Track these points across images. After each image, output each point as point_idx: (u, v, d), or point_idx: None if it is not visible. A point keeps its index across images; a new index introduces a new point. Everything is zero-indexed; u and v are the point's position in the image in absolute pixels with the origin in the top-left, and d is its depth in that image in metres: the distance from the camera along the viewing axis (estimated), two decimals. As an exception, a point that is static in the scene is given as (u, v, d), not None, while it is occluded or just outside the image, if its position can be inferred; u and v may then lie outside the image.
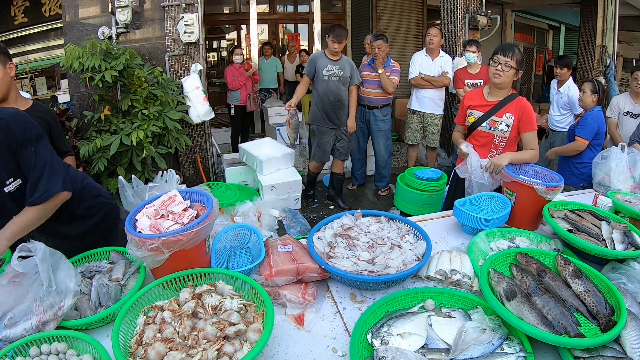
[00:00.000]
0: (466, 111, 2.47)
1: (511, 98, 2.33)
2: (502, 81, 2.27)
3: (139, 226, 1.32)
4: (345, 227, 1.64)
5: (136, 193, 2.62)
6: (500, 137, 2.34)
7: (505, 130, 2.31)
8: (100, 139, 3.43)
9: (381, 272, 1.35)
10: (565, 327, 1.08)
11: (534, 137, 2.29)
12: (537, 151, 2.25)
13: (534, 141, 2.28)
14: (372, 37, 4.44)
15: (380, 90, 4.36)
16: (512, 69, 2.22)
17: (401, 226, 1.67)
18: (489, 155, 2.37)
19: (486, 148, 2.39)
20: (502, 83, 2.28)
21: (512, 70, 2.22)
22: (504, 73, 2.23)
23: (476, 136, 2.42)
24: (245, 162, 4.37)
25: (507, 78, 2.25)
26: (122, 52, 3.62)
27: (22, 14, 5.53)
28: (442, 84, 4.66)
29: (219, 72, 8.16)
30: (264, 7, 8.06)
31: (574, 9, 8.31)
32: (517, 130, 2.31)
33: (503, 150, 2.34)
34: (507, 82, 2.27)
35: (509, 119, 2.30)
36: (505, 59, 2.22)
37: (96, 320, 1.20)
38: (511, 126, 2.30)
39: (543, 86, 10.96)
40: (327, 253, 1.47)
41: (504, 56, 2.22)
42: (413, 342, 1.07)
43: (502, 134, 2.32)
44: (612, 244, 1.49)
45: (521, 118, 2.28)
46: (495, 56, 2.26)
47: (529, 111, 2.29)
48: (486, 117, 2.37)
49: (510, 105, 2.31)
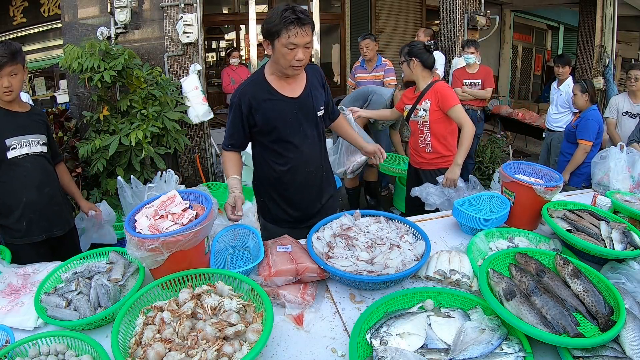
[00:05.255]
0: (403, 105, 2.86)
1: (429, 87, 2.65)
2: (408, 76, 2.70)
3: (138, 226, 1.32)
4: (345, 227, 1.64)
5: (135, 193, 2.62)
6: (421, 122, 2.68)
7: (424, 114, 2.64)
8: (99, 140, 3.42)
9: (380, 272, 1.35)
10: (564, 326, 1.08)
11: (459, 111, 2.56)
12: (469, 125, 2.52)
13: (462, 116, 2.56)
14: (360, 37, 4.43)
15: None
16: (406, 65, 2.64)
17: (400, 226, 1.67)
18: (419, 140, 2.73)
19: (416, 135, 2.76)
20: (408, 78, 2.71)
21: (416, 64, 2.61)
22: (407, 71, 2.67)
23: (410, 125, 2.81)
24: (243, 162, 4.36)
25: (408, 71, 2.67)
26: (121, 53, 3.61)
27: (21, 14, 5.52)
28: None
29: (218, 73, 8.16)
30: (262, 7, 8.05)
31: (572, 9, 8.32)
32: (438, 113, 2.61)
33: (430, 132, 2.67)
34: (410, 75, 2.69)
35: (426, 105, 2.64)
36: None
37: (95, 321, 1.20)
38: (428, 110, 2.62)
39: (542, 86, 10.98)
40: (326, 253, 1.47)
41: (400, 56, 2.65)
42: (412, 342, 1.07)
43: (421, 119, 2.66)
44: (611, 243, 1.49)
45: (438, 99, 2.58)
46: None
47: (443, 91, 2.59)
48: (412, 108, 2.72)
49: (428, 93, 2.64)
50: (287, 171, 1.87)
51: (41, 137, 2.01)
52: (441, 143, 2.70)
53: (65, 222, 2.12)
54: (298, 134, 1.84)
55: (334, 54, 8.54)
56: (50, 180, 2.05)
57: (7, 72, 1.81)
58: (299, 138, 1.84)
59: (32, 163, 1.96)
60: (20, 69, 1.87)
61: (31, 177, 1.96)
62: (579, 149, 3.30)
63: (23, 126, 1.95)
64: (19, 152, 1.91)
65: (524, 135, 6.67)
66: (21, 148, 1.92)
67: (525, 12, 10.12)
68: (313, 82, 1.89)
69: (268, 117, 1.79)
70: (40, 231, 1.99)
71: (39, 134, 2.00)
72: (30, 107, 2.04)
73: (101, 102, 3.78)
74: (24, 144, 1.93)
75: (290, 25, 1.58)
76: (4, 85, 1.82)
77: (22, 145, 1.93)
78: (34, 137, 1.97)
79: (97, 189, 3.72)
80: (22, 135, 1.93)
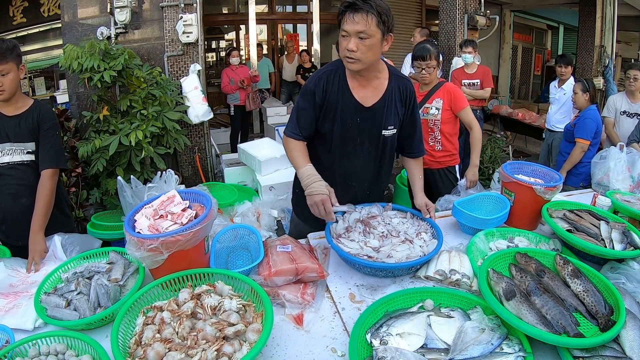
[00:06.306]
0: None
1: (439, 86, 2.68)
2: (431, 80, 2.67)
3: (138, 226, 1.32)
4: (370, 215, 1.69)
5: (135, 193, 2.62)
6: (433, 121, 2.69)
7: (436, 113, 2.67)
8: (99, 140, 3.42)
9: (380, 260, 1.38)
10: (564, 326, 1.08)
11: (468, 114, 2.67)
12: (477, 127, 2.67)
13: (471, 118, 2.67)
14: None
15: None
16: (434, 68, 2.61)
17: (422, 224, 1.69)
18: (429, 139, 2.73)
19: (425, 133, 2.72)
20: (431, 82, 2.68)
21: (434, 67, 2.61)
22: (429, 74, 2.62)
23: None
24: (244, 162, 4.37)
25: (433, 76, 2.65)
26: (121, 53, 3.61)
27: (20, 14, 5.51)
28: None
29: (218, 73, 8.16)
30: (262, 8, 8.06)
31: (572, 9, 8.32)
32: (449, 113, 2.66)
33: (440, 131, 2.70)
34: (433, 78, 2.68)
35: (438, 103, 2.66)
36: (426, 63, 2.58)
37: (95, 321, 1.20)
38: (441, 109, 2.65)
39: (542, 86, 10.98)
40: (340, 234, 1.54)
41: (424, 60, 2.58)
42: (412, 342, 1.07)
43: (433, 117, 2.68)
44: (611, 243, 1.49)
45: (451, 100, 2.63)
46: (417, 62, 2.62)
47: (456, 93, 2.65)
48: (419, 106, 2.67)
49: (439, 92, 2.67)
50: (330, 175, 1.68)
51: (27, 146, 1.91)
52: (449, 141, 2.76)
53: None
54: (350, 144, 1.68)
55: (334, 54, 8.54)
56: (29, 192, 1.90)
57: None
58: (350, 149, 1.69)
59: (11, 172, 1.90)
60: (13, 67, 1.79)
61: (8, 186, 1.90)
62: (576, 148, 3.30)
63: (9, 133, 1.87)
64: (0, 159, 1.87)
65: (523, 135, 6.67)
66: (3, 157, 1.87)
67: (525, 12, 10.12)
68: (394, 95, 1.68)
69: (327, 113, 1.64)
70: (16, 238, 1.92)
71: (25, 142, 1.90)
72: (29, 106, 1.93)
73: (101, 102, 3.78)
74: (7, 151, 1.88)
75: (345, 12, 1.47)
76: None
77: (4, 154, 1.87)
78: (18, 146, 1.89)
79: (97, 189, 3.72)
80: (5, 142, 1.87)
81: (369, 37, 1.45)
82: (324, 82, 1.63)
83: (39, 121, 1.92)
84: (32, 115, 1.92)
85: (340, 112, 1.63)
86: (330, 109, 1.64)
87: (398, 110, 1.70)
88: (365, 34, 1.45)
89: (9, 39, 1.92)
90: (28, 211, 1.83)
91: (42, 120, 1.93)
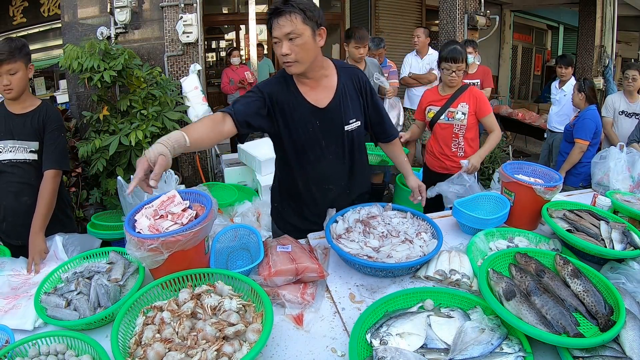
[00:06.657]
0: (424, 108, 2.75)
1: (463, 89, 2.61)
2: (458, 83, 2.60)
3: (138, 226, 1.32)
4: (370, 215, 1.69)
5: (135, 193, 2.62)
6: (459, 126, 2.63)
7: (463, 118, 2.60)
8: (99, 139, 3.42)
9: (380, 260, 1.39)
10: (564, 326, 1.08)
11: (492, 119, 2.61)
12: (499, 130, 2.61)
13: (494, 123, 2.61)
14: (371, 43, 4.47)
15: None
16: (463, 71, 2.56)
17: (422, 224, 1.69)
18: (451, 144, 2.67)
19: (448, 138, 2.68)
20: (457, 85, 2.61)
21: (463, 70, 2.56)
22: (458, 77, 2.56)
23: (437, 129, 2.71)
24: (244, 162, 4.37)
25: (461, 78, 2.59)
26: (121, 53, 3.62)
27: (20, 14, 5.52)
28: (428, 80, 4.76)
29: (218, 73, 8.16)
30: (262, 7, 8.05)
31: (572, 9, 8.32)
32: (473, 118, 2.60)
33: (464, 136, 2.64)
34: (460, 81, 2.62)
35: (464, 108, 2.59)
36: (457, 65, 2.52)
37: (95, 321, 1.20)
38: (467, 114, 2.59)
39: (542, 86, 10.98)
40: (340, 234, 1.54)
41: (455, 62, 2.52)
42: (412, 342, 1.07)
43: (460, 122, 2.62)
44: (610, 243, 1.49)
45: (477, 105, 2.57)
46: (447, 64, 2.54)
47: (482, 98, 2.60)
48: (443, 110, 2.64)
49: (464, 96, 2.59)
50: (303, 183, 1.71)
51: (30, 144, 1.92)
52: (471, 147, 2.69)
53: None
54: (317, 148, 1.65)
55: (334, 54, 8.54)
56: (30, 190, 1.91)
57: (5, 70, 1.77)
58: (318, 153, 1.66)
59: (13, 170, 1.91)
60: (22, 66, 1.82)
61: (10, 184, 1.91)
62: (575, 148, 3.30)
63: (14, 131, 1.89)
64: (2, 157, 1.88)
65: (524, 135, 6.68)
66: (6, 153, 1.89)
67: (525, 12, 10.12)
68: (346, 89, 1.65)
69: (286, 121, 1.61)
70: (16, 237, 1.93)
71: (30, 140, 1.92)
72: (36, 106, 1.94)
73: (101, 102, 3.78)
74: (9, 148, 1.89)
75: (270, 19, 1.44)
76: (3, 83, 1.79)
77: (7, 150, 1.89)
78: (22, 144, 1.91)
79: (97, 189, 3.72)
80: (9, 140, 1.89)
81: (298, 35, 1.43)
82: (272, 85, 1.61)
83: (45, 122, 1.93)
84: (39, 115, 1.93)
85: (299, 118, 1.61)
86: (287, 116, 1.61)
87: (355, 102, 1.67)
88: (293, 34, 1.43)
89: (18, 38, 1.93)
90: (29, 210, 1.84)
91: (48, 121, 1.93)
